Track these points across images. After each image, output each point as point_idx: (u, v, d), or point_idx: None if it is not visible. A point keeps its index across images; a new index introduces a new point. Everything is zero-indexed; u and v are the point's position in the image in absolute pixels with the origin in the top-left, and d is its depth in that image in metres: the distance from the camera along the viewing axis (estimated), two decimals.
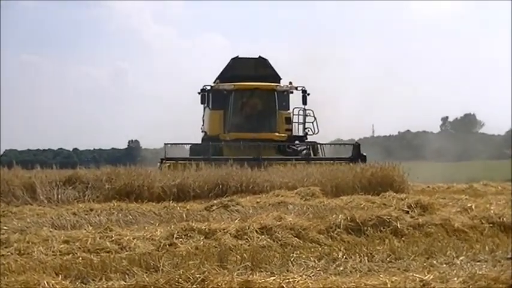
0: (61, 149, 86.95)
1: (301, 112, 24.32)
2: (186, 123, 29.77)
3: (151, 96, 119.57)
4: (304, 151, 23.25)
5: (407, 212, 10.21)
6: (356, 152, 21.62)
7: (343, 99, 25.81)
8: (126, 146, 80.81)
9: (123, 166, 16.60)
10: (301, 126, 24.36)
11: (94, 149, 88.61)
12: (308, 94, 24.06)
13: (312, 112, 24.10)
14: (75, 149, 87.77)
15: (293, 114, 24.52)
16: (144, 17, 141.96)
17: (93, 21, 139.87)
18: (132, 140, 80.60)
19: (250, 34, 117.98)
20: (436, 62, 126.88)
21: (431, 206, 10.61)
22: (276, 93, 24.02)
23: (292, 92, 24.87)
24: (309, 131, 24.07)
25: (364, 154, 21.61)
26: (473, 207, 11.06)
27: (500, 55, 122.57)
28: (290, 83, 24.48)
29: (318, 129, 24.05)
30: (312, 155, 22.75)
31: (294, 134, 24.29)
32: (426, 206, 10.57)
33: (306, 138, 24.16)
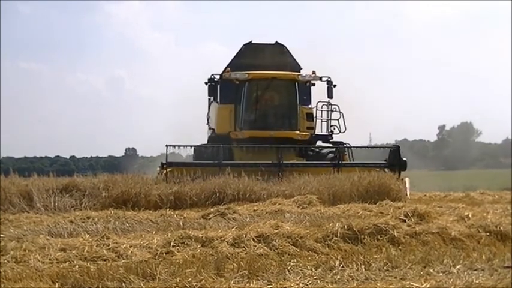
0: (58, 156, 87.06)
1: (325, 107, 21.39)
2: (186, 130, 28.17)
3: (148, 104, 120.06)
4: (330, 154, 20.01)
5: (404, 221, 10.21)
6: (394, 156, 18.91)
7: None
8: (123, 154, 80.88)
9: (120, 174, 16.56)
10: (324, 123, 21.46)
11: (91, 156, 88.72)
12: (334, 86, 21.14)
13: (337, 107, 21.21)
14: (72, 157, 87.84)
15: (316, 109, 21.48)
16: (141, 24, 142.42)
17: (91, 29, 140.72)
18: (129, 148, 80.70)
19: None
20: (434, 70, 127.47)
21: (428, 214, 10.62)
22: (297, 84, 20.93)
23: (314, 84, 21.88)
24: (334, 129, 21.24)
25: (405, 159, 18.91)
26: (470, 215, 11.08)
27: (498, 63, 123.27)
28: (313, 72, 21.29)
29: (345, 127, 21.10)
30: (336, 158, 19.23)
31: (315, 132, 21.38)
32: (423, 214, 10.57)
33: (331, 138, 21.37)
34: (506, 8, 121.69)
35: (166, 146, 17.64)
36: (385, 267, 7.27)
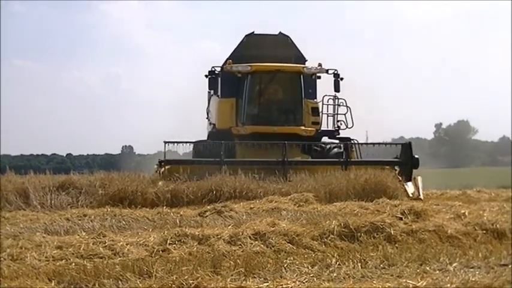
0: (54, 154, 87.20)
1: (331, 101, 20.36)
2: (184, 128, 27.69)
3: (145, 102, 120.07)
4: (336, 150, 19.40)
5: (401, 219, 10.20)
6: (406, 154, 18.14)
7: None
8: (120, 152, 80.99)
9: (117, 172, 16.52)
10: (331, 118, 20.44)
11: (87, 154, 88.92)
12: (341, 79, 20.14)
13: (344, 101, 20.20)
14: (68, 155, 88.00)
15: (322, 104, 20.41)
16: (137, 23, 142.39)
17: (87, 27, 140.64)
18: (125, 146, 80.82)
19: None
20: (432, 69, 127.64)
21: (424, 212, 10.61)
22: (302, 76, 20.05)
23: (319, 77, 20.83)
24: (341, 124, 20.28)
25: (417, 157, 18.17)
26: (466, 213, 11.06)
27: (495, 61, 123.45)
28: (319, 64, 20.20)
29: (352, 122, 20.21)
30: (344, 156, 18.40)
31: (321, 127, 20.38)
32: (419, 212, 10.56)
33: (338, 134, 20.41)
34: (506, 8, 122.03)
35: (164, 142, 17.16)
36: (381, 265, 7.27)
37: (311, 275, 6.72)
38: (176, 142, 18.00)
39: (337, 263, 7.27)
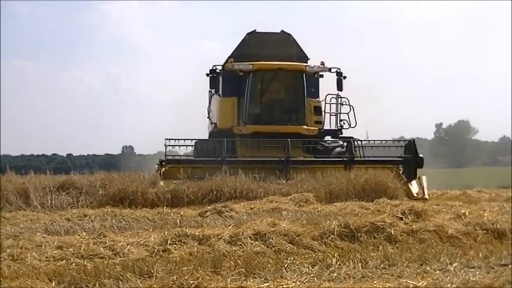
0: (55, 154, 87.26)
1: (334, 100, 20.23)
2: (182, 129, 27.33)
3: (145, 102, 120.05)
4: (339, 149, 19.19)
5: (401, 219, 10.20)
6: (410, 152, 17.91)
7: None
8: (120, 152, 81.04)
9: (117, 172, 16.50)
10: (333, 117, 20.28)
11: (88, 154, 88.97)
12: (344, 77, 19.90)
13: (347, 100, 20.03)
14: (68, 155, 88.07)
15: (325, 103, 20.33)
16: (137, 23, 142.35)
17: (87, 27, 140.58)
18: (126, 146, 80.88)
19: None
20: (430, 68, 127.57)
21: (425, 212, 10.61)
22: (304, 75, 19.82)
23: (322, 76, 20.60)
24: (344, 123, 20.08)
25: (421, 156, 17.96)
26: (467, 213, 11.06)
27: (495, 61, 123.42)
28: (322, 63, 19.98)
29: (355, 121, 19.97)
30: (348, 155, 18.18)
31: (323, 127, 20.22)
32: (420, 212, 10.56)
33: (341, 133, 20.18)
34: (506, 8, 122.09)
35: (166, 140, 16.94)
36: (381, 265, 7.27)
37: (311, 275, 6.72)
38: (177, 139, 17.60)
39: (338, 263, 7.27)
